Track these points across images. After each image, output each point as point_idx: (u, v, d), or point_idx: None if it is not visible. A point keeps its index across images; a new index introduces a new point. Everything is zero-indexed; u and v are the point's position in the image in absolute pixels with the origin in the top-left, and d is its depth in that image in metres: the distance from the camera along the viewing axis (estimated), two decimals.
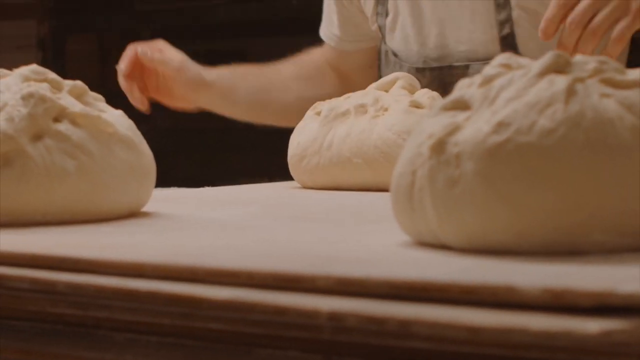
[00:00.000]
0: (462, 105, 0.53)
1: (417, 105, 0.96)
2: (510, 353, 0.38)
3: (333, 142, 0.98)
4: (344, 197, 0.88)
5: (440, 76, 1.30)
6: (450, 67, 1.30)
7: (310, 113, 1.05)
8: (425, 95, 0.98)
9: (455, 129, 0.51)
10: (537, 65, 0.52)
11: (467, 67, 1.29)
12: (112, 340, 0.50)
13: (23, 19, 2.98)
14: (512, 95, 0.50)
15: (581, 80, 0.51)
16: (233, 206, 0.80)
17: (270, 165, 1.80)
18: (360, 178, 0.97)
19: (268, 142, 1.85)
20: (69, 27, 3.04)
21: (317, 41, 1.62)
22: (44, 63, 2.84)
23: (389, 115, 0.96)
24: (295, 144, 1.03)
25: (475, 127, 0.50)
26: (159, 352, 0.49)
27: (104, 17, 3.00)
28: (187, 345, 0.48)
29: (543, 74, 0.51)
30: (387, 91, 1.00)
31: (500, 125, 0.49)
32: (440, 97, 0.99)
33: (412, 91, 1.00)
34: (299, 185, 1.06)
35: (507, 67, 0.54)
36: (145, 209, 0.75)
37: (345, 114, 0.99)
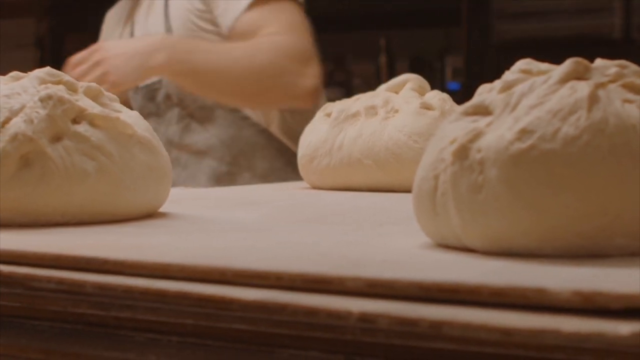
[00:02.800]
0: (483, 111, 0.54)
1: (427, 107, 0.96)
2: (539, 355, 0.39)
3: (344, 143, 0.98)
4: (356, 199, 0.88)
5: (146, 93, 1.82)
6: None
7: (320, 114, 1.05)
8: (436, 97, 0.98)
9: (477, 135, 0.51)
10: (558, 71, 0.52)
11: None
12: (133, 340, 0.50)
13: (22, 17, 2.97)
14: (534, 102, 0.51)
15: (603, 85, 0.51)
16: (247, 207, 0.80)
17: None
18: (371, 179, 0.97)
19: None
20: (68, 26, 3.04)
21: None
22: (42, 61, 2.83)
23: (399, 117, 0.96)
24: (306, 145, 1.03)
25: (498, 133, 0.50)
26: (181, 352, 0.49)
27: (102, 16, 2.99)
28: (209, 345, 0.48)
29: (564, 80, 0.52)
30: (397, 93, 1.00)
31: (524, 132, 0.49)
32: (450, 99, 0.99)
33: (422, 93, 1.00)
34: (308, 185, 1.06)
35: (527, 72, 0.54)
36: (160, 209, 0.76)
37: (355, 115, 0.99)
